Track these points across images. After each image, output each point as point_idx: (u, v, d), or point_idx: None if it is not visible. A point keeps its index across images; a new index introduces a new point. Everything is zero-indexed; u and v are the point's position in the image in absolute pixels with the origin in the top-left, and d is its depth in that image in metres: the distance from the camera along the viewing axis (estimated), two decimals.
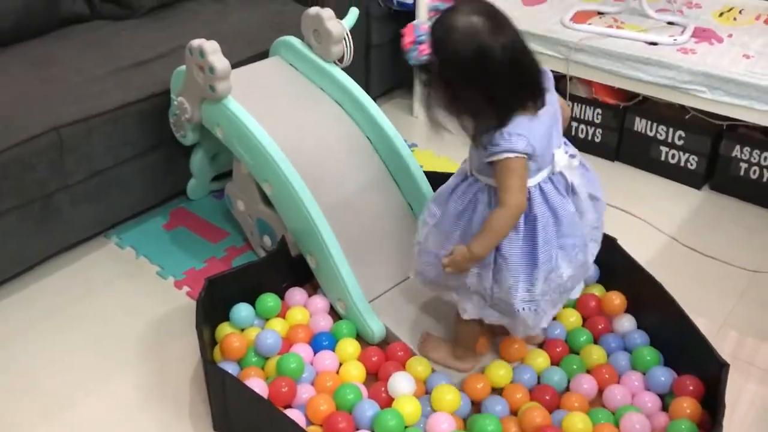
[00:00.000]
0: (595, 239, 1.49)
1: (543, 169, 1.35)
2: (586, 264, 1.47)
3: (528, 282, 1.38)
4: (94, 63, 1.95)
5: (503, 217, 1.32)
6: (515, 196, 1.30)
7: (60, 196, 1.83)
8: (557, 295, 1.43)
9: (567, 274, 1.40)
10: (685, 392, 1.46)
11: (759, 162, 2.14)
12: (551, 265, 1.38)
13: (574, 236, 1.39)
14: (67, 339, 1.74)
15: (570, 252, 1.40)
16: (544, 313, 1.43)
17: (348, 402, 1.46)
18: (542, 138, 1.31)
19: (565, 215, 1.38)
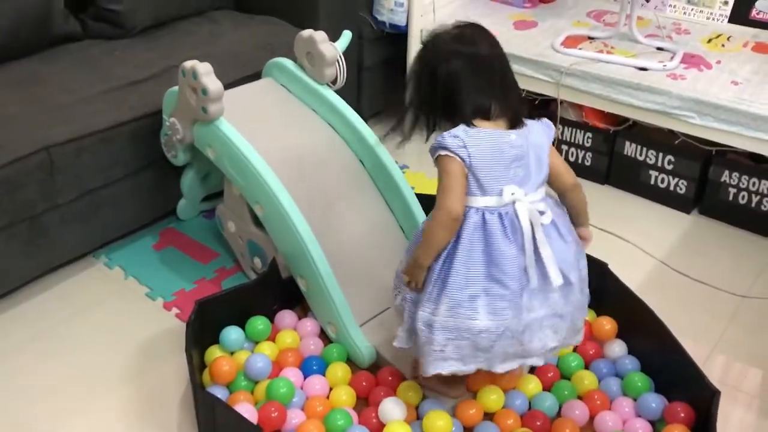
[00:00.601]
0: (555, 328, 1.36)
1: (488, 196, 1.30)
2: (518, 333, 1.33)
3: (433, 302, 1.33)
4: (85, 83, 1.94)
5: (434, 220, 1.31)
6: (446, 198, 1.29)
7: (49, 216, 1.81)
8: (467, 344, 1.32)
9: (482, 324, 1.30)
10: (676, 419, 1.46)
11: (747, 187, 2.16)
12: (461, 296, 1.30)
13: (505, 286, 1.30)
14: (54, 360, 1.71)
15: (495, 302, 1.30)
16: (441, 352, 1.33)
17: (338, 428, 1.45)
18: (488, 155, 1.28)
19: (501, 259, 1.29)
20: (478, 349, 1.33)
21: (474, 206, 1.31)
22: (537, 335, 1.35)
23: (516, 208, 1.30)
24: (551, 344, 1.37)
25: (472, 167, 1.29)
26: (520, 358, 1.37)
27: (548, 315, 1.35)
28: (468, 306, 1.30)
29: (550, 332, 1.36)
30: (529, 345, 1.35)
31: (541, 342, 1.36)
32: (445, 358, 1.34)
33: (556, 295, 1.35)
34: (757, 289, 1.98)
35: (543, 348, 1.37)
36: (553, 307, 1.36)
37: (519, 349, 1.35)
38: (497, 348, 1.33)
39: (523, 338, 1.34)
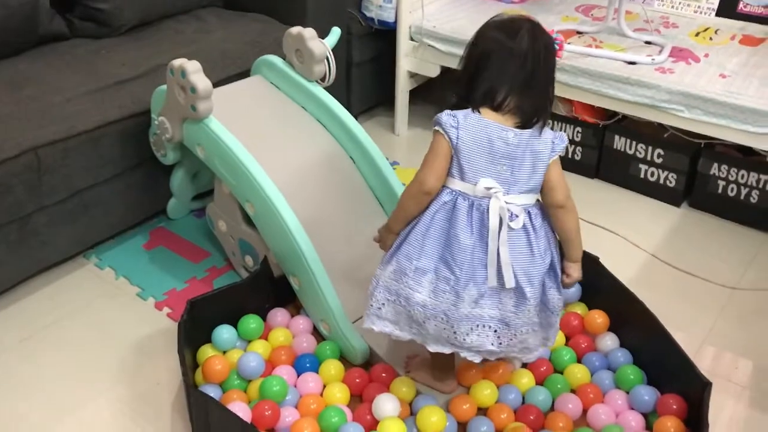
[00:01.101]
0: (498, 334, 1.36)
1: (465, 182, 1.32)
2: (455, 321, 1.33)
3: (386, 263, 1.39)
4: (72, 82, 1.93)
5: (407, 190, 1.37)
6: (423, 172, 1.34)
7: (38, 217, 1.80)
8: (402, 311, 1.37)
9: (420, 297, 1.34)
10: (669, 411, 1.46)
11: (736, 180, 2.17)
12: (408, 266, 1.34)
13: (452, 271, 1.32)
14: (45, 362, 1.70)
15: (439, 282, 1.33)
16: (378, 310, 1.39)
17: (332, 425, 1.45)
18: (476, 143, 1.31)
19: (456, 246, 1.32)
20: (412, 320, 1.38)
21: (450, 187, 1.34)
22: (476, 332, 1.35)
23: (491, 206, 1.31)
24: (489, 347, 1.36)
25: (457, 150, 1.32)
26: (453, 346, 1.38)
27: (494, 318, 1.35)
28: (413, 277, 1.34)
29: (492, 335, 1.36)
30: (465, 337, 1.35)
31: (479, 339, 1.35)
32: (380, 316, 1.40)
33: (510, 303, 1.35)
34: (746, 281, 1.99)
35: (480, 346, 1.36)
36: (503, 312, 1.35)
37: (452, 337, 1.36)
38: (429, 326, 1.36)
39: (459, 328, 1.34)
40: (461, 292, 1.33)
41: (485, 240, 1.32)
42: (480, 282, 1.33)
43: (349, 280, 1.71)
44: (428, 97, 2.82)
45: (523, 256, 1.34)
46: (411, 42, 2.56)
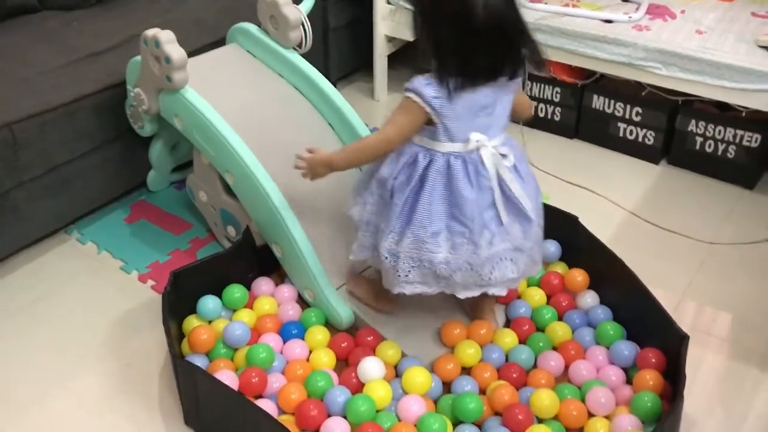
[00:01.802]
0: (515, 261, 1.45)
1: (454, 143, 1.37)
2: (478, 266, 1.42)
3: (397, 234, 1.43)
4: (45, 56, 1.90)
5: (372, 141, 1.44)
6: (390, 128, 1.39)
7: (16, 193, 1.79)
8: (428, 272, 1.43)
9: (441, 256, 1.41)
10: (648, 365, 1.50)
11: (714, 136, 2.19)
12: (424, 233, 1.40)
13: (464, 225, 1.39)
14: (30, 338, 1.71)
15: (455, 238, 1.40)
16: (406, 277, 1.44)
17: (319, 389, 1.47)
18: (458, 108, 1.34)
19: (462, 201, 1.38)
20: (439, 276, 1.44)
21: (441, 151, 1.38)
22: (497, 267, 1.44)
23: (481, 153, 1.37)
24: (511, 275, 1.46)
25: (441, 116, 1.35)
26: (480, 287, 1.46)
27: (508, 249, 1.44)
28: (431, 241, 1.40)
29: (510, 264, 1.45)
30: (489, 276, 1.44)
31: (500, 273, 1.45)
32: (409, 281, 1.46)
33: (516, 231, 1.45)
34: (724, 236, 2.02)
35: (503, 278, 1.46)
36: (513, 241, 1.45)
37: (478, 280, 1.44)
38: (456, 278, 1.44)
39: (483, 271, 1.43)
40: (478, 240, 1.40)
41: (485, 187, 1.39)
42: (492, 227, 1.41)
43: (332, 246, 1.72)
44: (407, 62, 2.80)
45: (522, 185, 1.44)
46: (388, 5, 2.54)
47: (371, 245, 1.51)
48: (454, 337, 1.58)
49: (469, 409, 1.42)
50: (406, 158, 1.41)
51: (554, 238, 1.81)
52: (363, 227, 1.51)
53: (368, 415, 1.40)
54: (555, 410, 1.42)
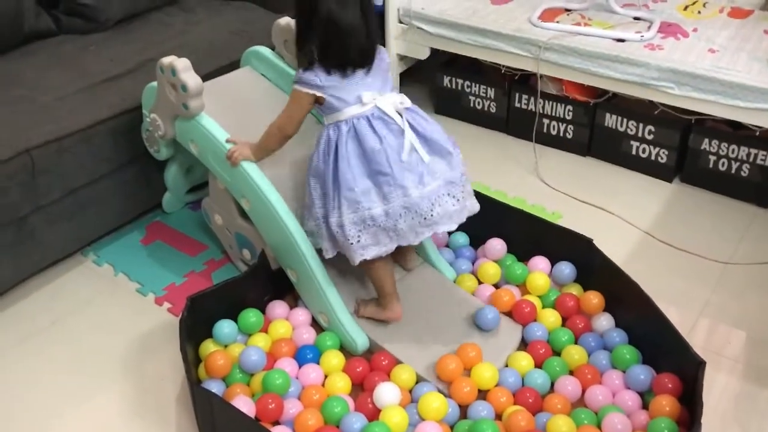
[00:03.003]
0: (453, 194, 1.57)
1: (351, 106, 1.53)
2: (415, 207, 1.52)
3: (336, 206, 1.54)
4: (62, 81, 1.93)
5: (270, 133, 1.64)
6: (284, 120, 1.61)
7: (34, 217, 1.81)
8: (375, 230, 1.53)
9: (379, 210, 1.52)
10: (664, 390, 1.49)
11: (727, 154, 2.18)
12: (355, 194, 1.51)
13: (385, 174, 1.51)
14: (47, 360, 1.72)
15: (383, 188, 1.51)
16: (358, 242, 1.54)
17: (335, 415, 1.47)
18: (341, 79, 1.52)
19: (374, 154, 1.51)
20: (386, 231, 1.54)
21: (343, 119, 1.54)
22: (437, 204, 1.54)
23: (379, 105, 1.54)
24: (452, 208, 1.57)
25: (325, 89, 1.53)
26: (429, 227, 1.55)
27: (441, 185, 1.55)
28: (363, 199, 1.52)
29: (449, 198, 1.56)
30: (431, 214, 1.54)
31: (442, 209, 1.55)
32: (363, 246, 1.55)
33: (442, 166, 1.56)
34: (739, 255, 2.01)
35: (446, 213, 1.56)
36: (443, 176, 1.56)
37: (422, 221, 1.54)
38: (401, 225, 1.54)
39: (422, 210, 1.53)
40: (404, 183, 1.51)
41: (396, 131, 1.53)
42: (416, 168, 1.53)
43: (346, 271, 1.73)
44: (419, 79, 2.81)
45: (426, 123, 1.58)
46: (400, 25, 2.55)
47: (317, 229, 1.62)
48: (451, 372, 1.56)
49: None
50: (323, 141, 1.57)
51: (569, 260, 1.81)
52: (322, 227, 1.60)
53: None
54: None
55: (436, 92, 2.65)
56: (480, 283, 1.84)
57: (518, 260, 1.88)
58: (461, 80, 2.57)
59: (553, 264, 1.84)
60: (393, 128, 1.53)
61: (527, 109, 2.47)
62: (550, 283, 1.80)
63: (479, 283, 1.84)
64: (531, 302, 1.73)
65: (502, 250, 1.89)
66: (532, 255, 1.87)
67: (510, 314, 1.74)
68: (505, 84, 2.49)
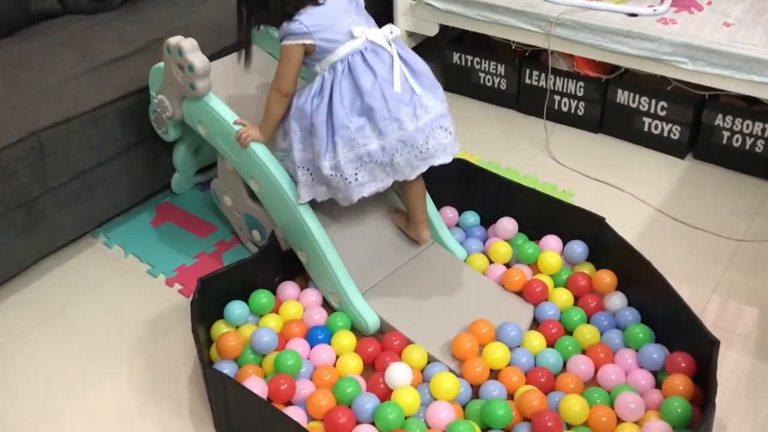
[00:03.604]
0: (445, 127, 1.59)
1: (343, 45, 1.54)
2: (411, 141, 1.54)
3: (331, 148, 1.54)
4: (68, 62, 1.91)
5: (270, 99, 1.62)
6: (278, 80, 1.59)
7: (44, 200, 1.81)
8: (372, 166, 1.56)
9: (375, 145, 1.53)
10: (678, 369, 1.49)
11: (741, 130, 2.15)
12: (350, 132, 1.52)
13: (379, 108, 1.52)
14: (59, 342, 1.73)
15: (378, 123, 1.52)
16: (356, 180, 1.56)
17: (347, 395, 1.47)
18: (325, 17, 1.54)
19: (366, 87, 1.52)
20: (383, 166, 1.57)
21: (338, 59, 1.55)
22: (431, 137, 1.57)
23: (370, 38, 1.56)
24: (446, 141, 1.59)
25: (314, 33, 1.53)
26: (424, 161, 1.58)
27: (435, 118, 1.57)
28: (358, 135, 1.53)
29: (442, 131, 1.59)
30: (426, 147, 1.56)
31: (437, 141, 1.58)
32: (362, 183, 1.58)
33: (432, 100, 1.58)
34: (753, 232, 1.99)
35: (440, 146, 1.58)
36: (434, 109, 1.58)
37: (418, 154, 1.56)
38: (398, 160, 1.56)
39: (418, 143, 1.55)
40: (399, 116, 1.53)
41: (388, 68, 1.55)
42: (409, 101, 1.54)
43: (356, 251, 1.72)
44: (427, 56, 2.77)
45: (414, 56, 1.61)
46: (408, 0, 2.52)
47: (313, 181, 1.62)
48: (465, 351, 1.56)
49: (498, 416, 1.42)
50: (316, 84, 1.57)
51: (581, 239, 1.80)
52: (300, 170, 1.61)
53: (397, 423, 1.41)
54: (585, 417, 1.42)
55: (445, 69, 2.62)
56: (491, 263, 1.83)
57: (529, 239, 1.87)
58: (471, 57, 2.54)
59: (565, 243, 1.82)
60: (386, 60, 1.55)
61: (538, 86, 2.44)
62: (562, 262, 1.79)
63: (490, 263, 1.83)
64: (542, 282, 1.72)
65: (513, 230, 1.88)
66: (543, 234, 1.85)
67: (521, 294, 1.73)
68: (515, 60, 2.46)
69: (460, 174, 1.94)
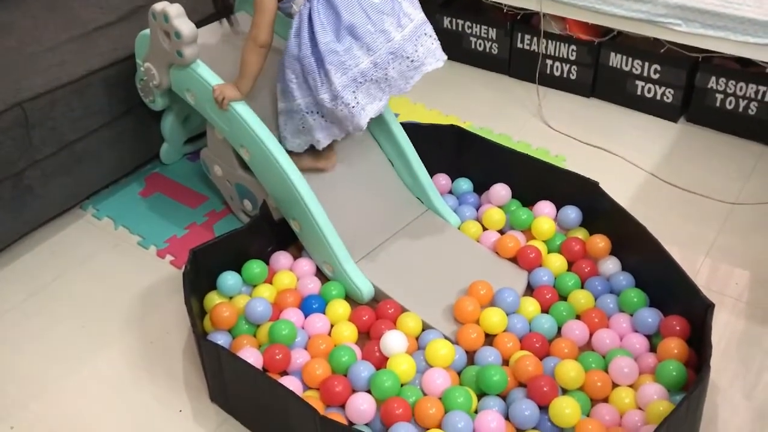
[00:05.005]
0: (428, 33, 1.58)
1: None
2: (401, 51, 1.53)
3: (326, 83, 1.53)
4: (52, 30, 1.87)
5: (246, 51, 1.59)
6: (254, 30, 1.56)
7: (30, 172, 1.78)
8: (368, 84, 1.54)
9: (367, 62, 1.51)
10: (672, 333, 1.49)
11: (735, 92, 2.14)
12: (339, 56, 1.50)
13: (363, 24, 1.50)
14: (50, 316, 1.72)
15: (365, 38, 1.50)
16: (357, 104, 1.54)
17: (343, 364, 1.47)
18: None
19: (344, 4, 1.50)
20: (379, 83, 1.55)
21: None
22: (419, 44, 1.56)
23: None
24: (432, 45, 1.58)
25: None
26: (417, 69, 1.57)
27: (418, 25, 1.56)
28: (347, 56, 1.51)
29: (427, 38, 1.58)
30: (416, 54, 1.55)
31: (425, 48, 1.57)
32: (363, 107, 1.55)
33: (412, 8, 1.56)
34: (746, 195, 1.99)
35: (429, 51, 1.57)
36: (416, 16, 1.57)
37: (410, 63, 1.55)
38: (392, 73, 1.54)
39: (407, 52, 1.54)
40: (384, 27, 1.52)
41: None
42: (391, 11, 1.52)
43: (349, 219, 1.70)
44: None
45: None
46: None
47: (326, 122, 1.61)
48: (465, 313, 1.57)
49: (494, 382, 1.42)
50: (295, 24, 1.55)
51: (575, 204, 1.79)
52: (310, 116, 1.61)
53: (393, 390, 1.41)
54: (580, 382, 1.42)
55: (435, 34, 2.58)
56: (484, 230, 1.82)
57: (523, 205, 1.86)
58: (461, 21, 2.50)
59: (559, 208, 1.81)
60: None
61: (530, 50, 2.41)
62: (556, 228, 1.79)
63: (484, 230, 1.82)
64: (536, 248, 1.72)
65: (506, 196, 1.87)
66: (537, 200, 1.84)
67: (515, 260, 1.73)
68: (506, 24, 2.42)
69: (452, 141, 1.93)
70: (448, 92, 2.44)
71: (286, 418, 1.35)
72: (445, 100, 2.39)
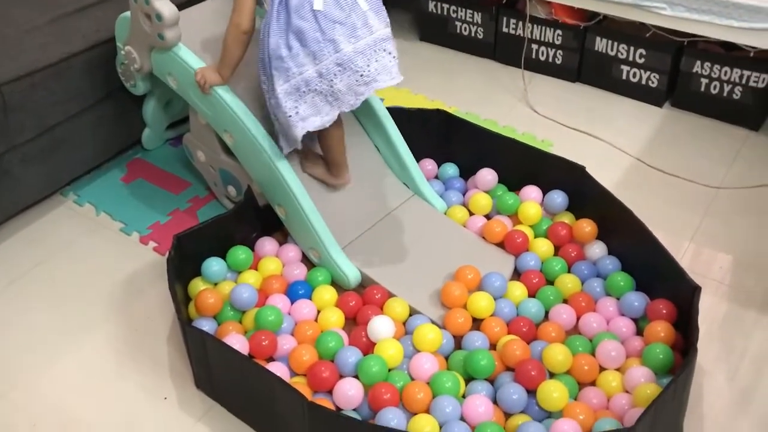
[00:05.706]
0: (389, 50, 1.50)
1: None
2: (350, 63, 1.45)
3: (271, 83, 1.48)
4: (30, 12, 1.83)
5: (228, 37, 1.54)
6: (235, 16, 1.51)
7: (9, 157, 1.74)
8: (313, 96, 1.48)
9: (311, 71, 1.45)
10: (659, 316, 1.49)
11: (719, 77, 2.14)
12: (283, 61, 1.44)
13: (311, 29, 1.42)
14: (33, 304, 1.69)
15: (311, 46, 1.43)
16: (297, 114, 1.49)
17: (330, 350, 1.46)
18: None
19: (295, 4, 1.42)
20: (324, 95, 1.48)
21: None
22: (374, 59, 1.47)
23: None
24: (389, 62, 1.49)
25: None
26: (367, 85, 1.48)
27: (379, 40, 1.48)
28: (292, 62, 1.45)
29: (385, 54, 1.49)
30: (369, 70, 1.47)
31: (380, 64, 1.48)
32: (304, 118, 1.49)
33: (378, 22, 1.48)
34: (730, 179, 2.00)
35: (384, 69, 1.49)
36: (379, 31, 1.48)
37: (360, 78, 1.47)
38: (339, 86, 1.46)
39: (358, 66, 1.46)
40: (335, 37, 1.43)
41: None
42: (347, 20, 1.44)
43: (335, 205, 1.69)
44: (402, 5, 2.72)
45: None
46: None
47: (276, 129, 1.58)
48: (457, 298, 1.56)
49: (481, 366, 1.42)
50: (264, 22, 1.49)
51: (561, 188, 1.79)
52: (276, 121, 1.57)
53: (380, 375, 1.40)
54: (568, 366, 1.42)
55: (420, 18, 2.56)
56: (471, 215, 1.81)
57: (509, 190, 1.86)
58: (447, 5, 2.48)
59: (545, 193, 1.81)
60: None
61: (515, 35, 2.39)
62: (542, 213, 1.78)
63: (470, 215, 1.81)
64: (523, 232, 1.71)
65: (493, 181, 1.86)
66: (523, 184, 1.84)
67: (502, 245, 1.73)
68: (492, 8, 2.41)
69: (439, 125, 1.91)
70: (434, 77, 2.42)
71: (273, 405, 1.34)
72: (431, 84, 2.37)
